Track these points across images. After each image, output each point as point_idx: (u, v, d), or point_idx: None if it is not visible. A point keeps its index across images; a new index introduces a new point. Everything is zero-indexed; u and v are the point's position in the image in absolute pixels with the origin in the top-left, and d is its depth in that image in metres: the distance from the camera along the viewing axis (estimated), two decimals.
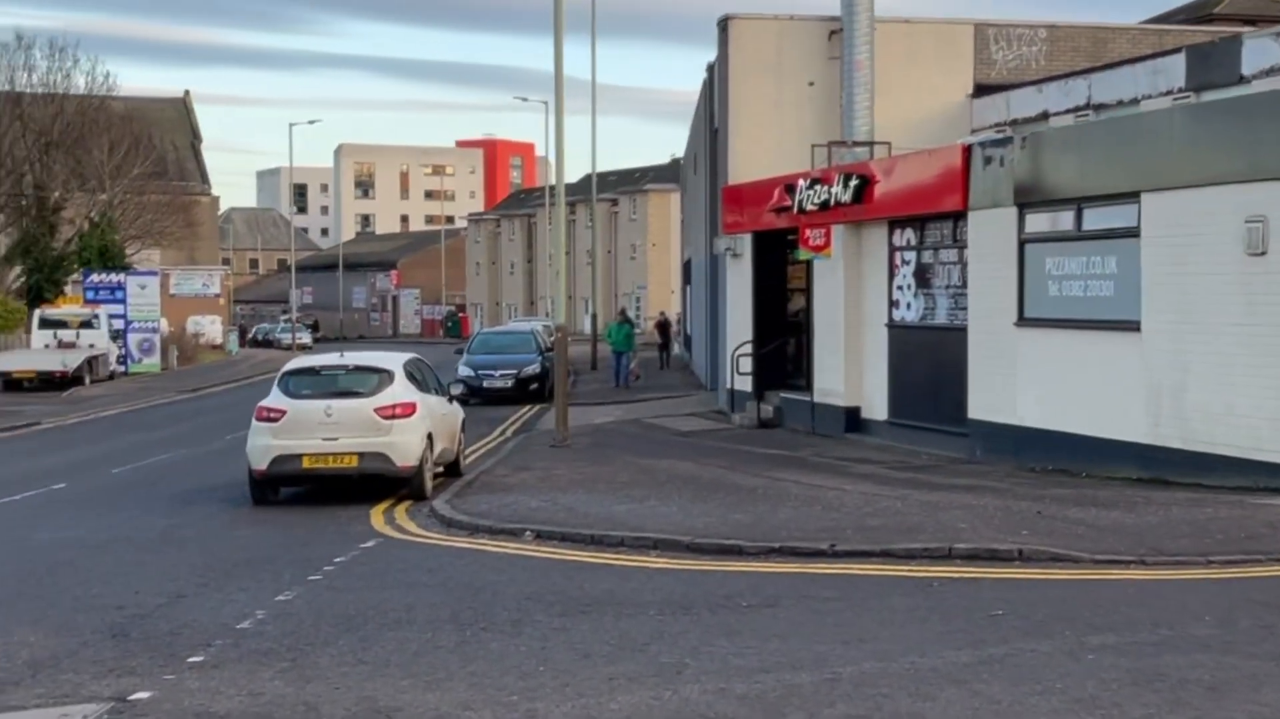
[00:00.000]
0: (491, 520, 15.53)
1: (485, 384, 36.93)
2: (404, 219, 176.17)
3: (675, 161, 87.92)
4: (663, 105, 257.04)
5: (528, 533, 14.67)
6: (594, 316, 56.82)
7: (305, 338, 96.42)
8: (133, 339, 55.54)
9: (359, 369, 19.21)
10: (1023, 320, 19.85)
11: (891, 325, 23.71)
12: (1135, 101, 24.74)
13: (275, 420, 18.43)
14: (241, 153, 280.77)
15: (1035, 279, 19.66)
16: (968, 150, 20.99)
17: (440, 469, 20.76)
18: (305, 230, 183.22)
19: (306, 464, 18.24)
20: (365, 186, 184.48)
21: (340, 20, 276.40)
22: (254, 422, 18.65)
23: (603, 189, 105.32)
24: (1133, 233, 17.72)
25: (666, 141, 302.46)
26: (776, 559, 12.65)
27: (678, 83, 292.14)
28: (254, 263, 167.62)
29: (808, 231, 24.79)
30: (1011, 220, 19.96)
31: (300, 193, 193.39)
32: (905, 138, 27.72)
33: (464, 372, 37.31)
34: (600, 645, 9.71)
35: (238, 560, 14.03)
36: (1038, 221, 19.66)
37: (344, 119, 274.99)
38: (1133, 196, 17.66)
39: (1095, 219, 18.55)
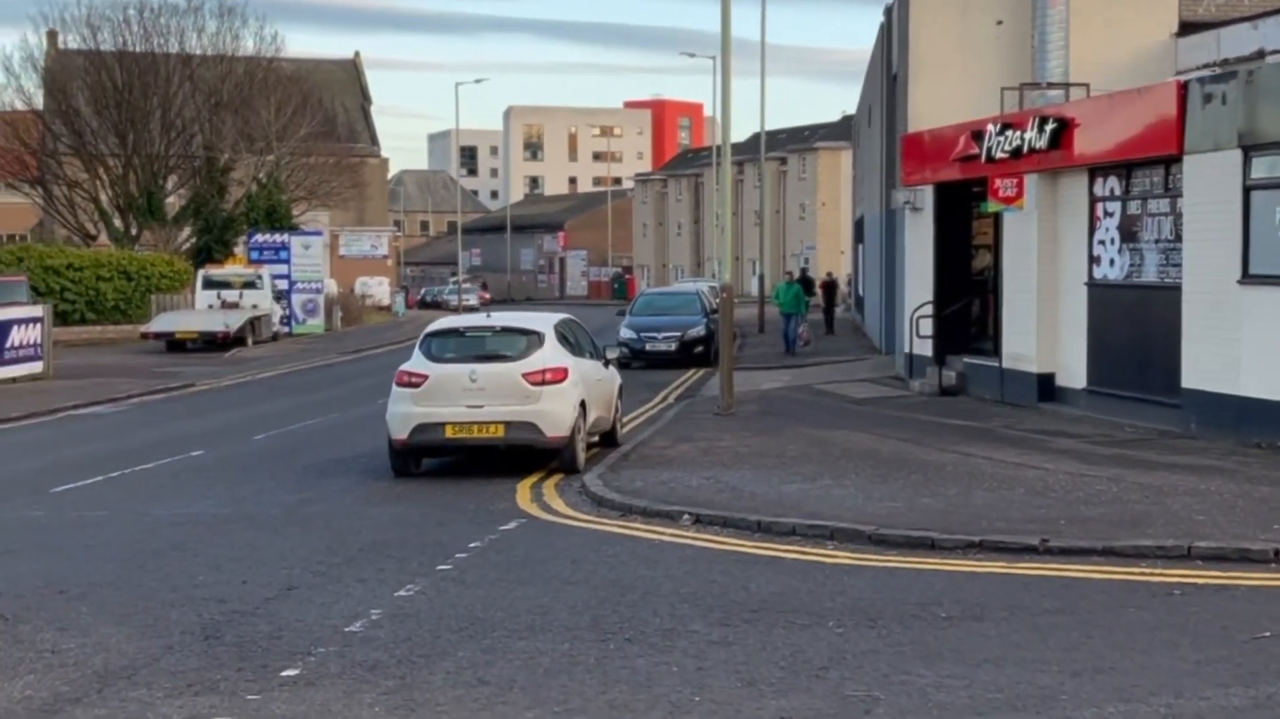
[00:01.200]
0: (647, 500, 13.86)
1: (648, 347, 35.29)
2: (572, 181, 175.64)
3: (846, 119, 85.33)
4: (834, 65, 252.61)
5: (686, 516, 12.97)
6: (761, 277, 54.83)
7: (472, 299, 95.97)
8: (296, 300, 55.04)
9: (506, 331, 17.66)
10: (1248, 278, 17.54)
11: (1092, 284, 21.47)
12: None
13: (416, 386, 16.98)
14: (413, 117, 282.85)
15: (1263, 231, 17.33)
16: (1183, 88, 18.66)
17: (595, 438, 19.23)
18: (475, 193, 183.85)
19: (449, 433, 16.78)
20: (534, 149, 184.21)
21: None
22: (394, 387, 17.25)
23: (772, 147, 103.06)
24: None
25: (838, 100, 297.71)
26: (977, 556, 10.76)
27: (849, 42, 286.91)
28: (424, 225, 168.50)
29: (997, 182, 22.61)
30: (1235, 165, 17.63)
31: (469, 155, 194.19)
32: (1103, 82, 25.26)
33: (626, 334, 35.75)
34: (768, 668, 7.96)
35: (364, 544, 12.57)
36: (1267, 166, 17.31)
37: (513, 82, 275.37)
38: None
39: None
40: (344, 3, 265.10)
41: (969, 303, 25.89)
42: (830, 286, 50.15)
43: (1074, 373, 21.94)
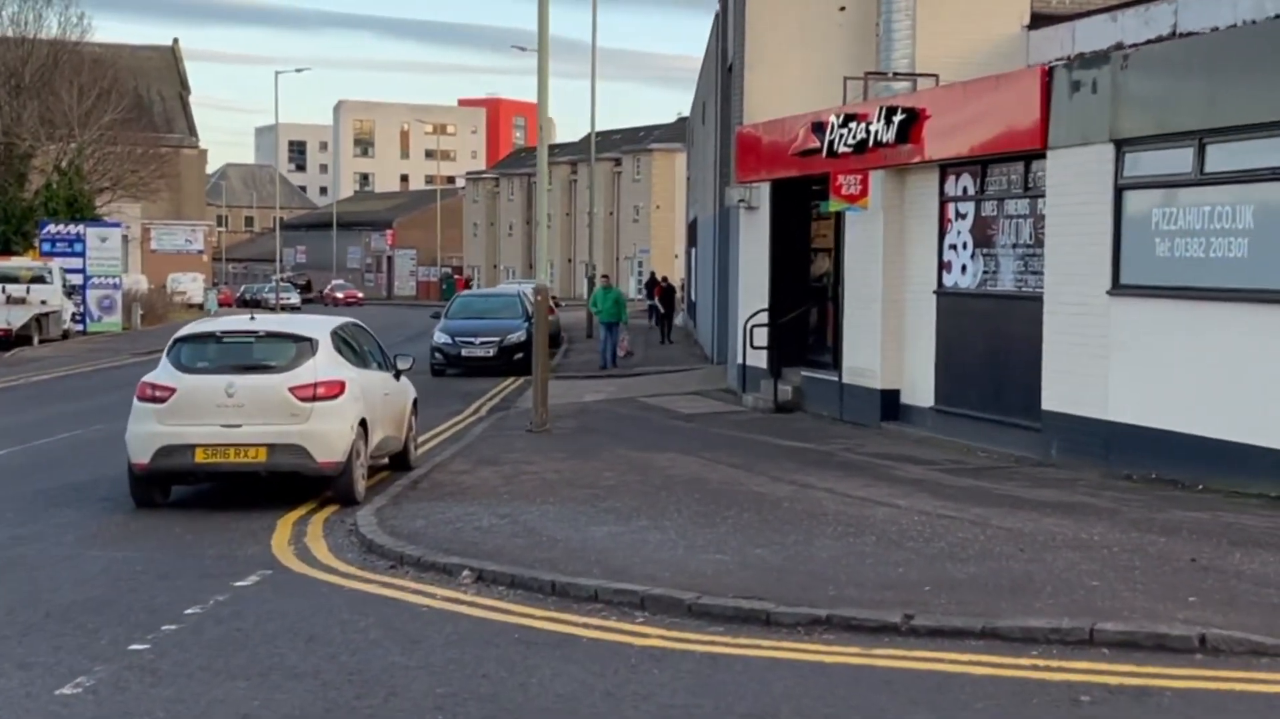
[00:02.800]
0: (423, 548, 11.34)
1: (464, 353, 32.71)
2: (404, 178, 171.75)
3: (682, 120, 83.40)
4: (672, 70, 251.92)
5: (466, 572, 10.49)
6: (590, 279, 52.51)
7: (293, 297, 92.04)
8: (92, 295, 51.29)
9: (272, 336, 14.97)
10: (1119, 288, 15.63)
11: (941, 293, 19.49)
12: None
13: (161, 401, 14.25)
14: (243, 111, 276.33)
15: (1137, 235, 15.44)
16: (1048, 75, 16.71)
17: (385, 460, 16.70)
18: (304, 189, 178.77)
19: (200, 458, 14.08)
20: (365, 145, 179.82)
21: None
22: (135, 402, 14.49)
23: (606, 148, 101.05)
24: None
25: (675, 104, 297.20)
26: (824, 636, 8.44)
27: (689, 47, 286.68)
28: (249, 220, 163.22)
29: (840, 179, 20.53)
30: (1107, 161, 15.71)
31: (299, 150, 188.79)
32: (951, 74, 23.29)
33: (440, 339, 33.12)
34: None
35: (57, 606, 9.89)
36: (1142, 162, 15.41)
37: (349, 79, 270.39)
38: None
39: (1225, 158, 14.30)
40: None
41: (807, 311, 23.81)
42: (668, 292, 47.10)
43: (921, 390, 19.94)
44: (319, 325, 15.53)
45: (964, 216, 19.07)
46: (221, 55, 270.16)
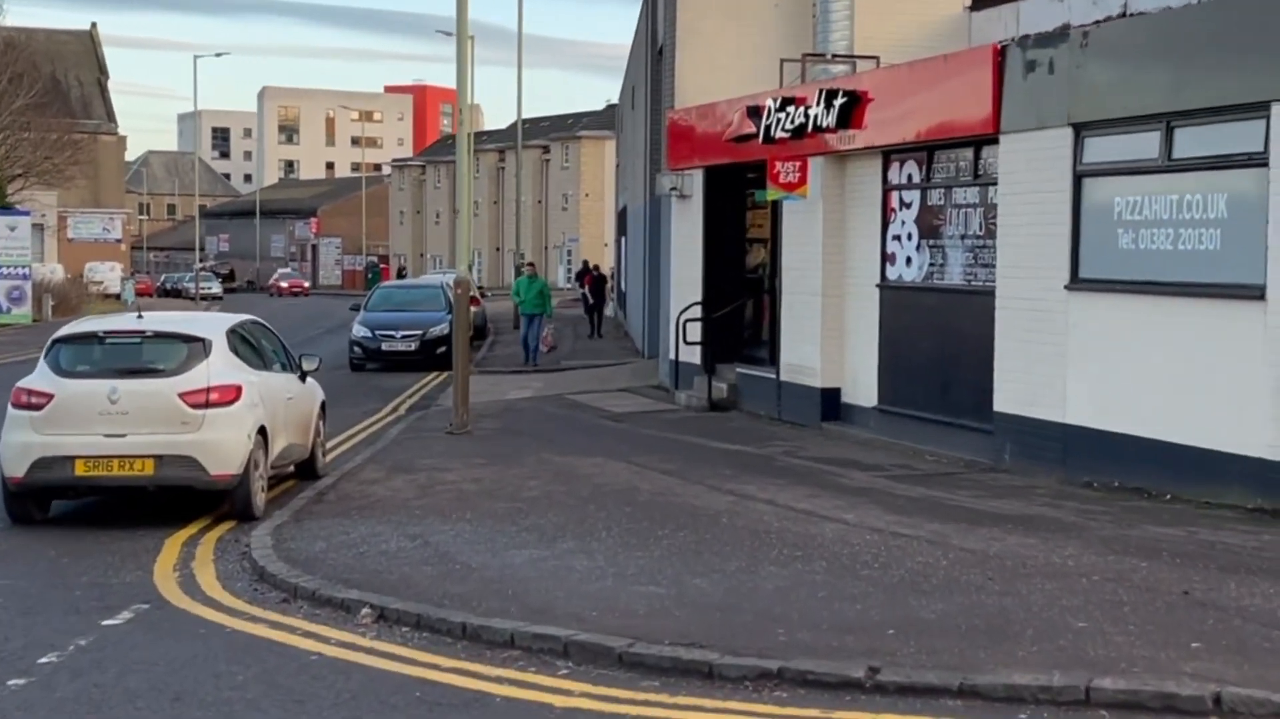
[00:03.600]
0: (320, 579, 10.09)
1: (384, 347, 31.34)
2: (329, 166, 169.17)
3: (611, 108, 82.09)
4: (602, 58, 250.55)
5: (366, 610, 9.25)
6: (518, 268, 51.13)
7: (214, 287, 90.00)
8: (0, 286, 49.40)
9: (161, 337, 13.62)
10: (1078, 282, 14.60)
11: (885, 286, 18.42)
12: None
13: (38, 408, 12.91)
14: (167, 97, 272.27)
15: (1098, 226, 14.41)
16: (1001, 53, 15.65)
17: (290, 469, 15.43)
18: (228, 176, 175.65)
19: (80, 470, 12.75)
20: (290, 131, 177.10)
21: None
22: (9, 409, 13.14)
23: (534, 135, 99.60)
24: (1257, 160, 12.48)
25: (605, 92, 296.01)
26: (776, 693, 7.27)
27: (617, 36, 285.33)
28: (172, 208, 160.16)
29: (778, 165, 19.41)
30: (1065, 145, 14.67)
31: (222, 137, 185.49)
32: (890, 57, 22.28)
33: (359, 332, 31.72)
34: None
35: None
36: (1103, 147, 14.37)
37: (275, 66, 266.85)
38: (1259, 109, 12.40)
39: (1194, 143, 13.28)
40: None
41: (743, 304, 22.69)
42: (599, 281, 44.25)
43: (863, 389, 18.88)
44: (213, 324, 14.22)
45: (909, 206, 18.01)
46: (146, 41, 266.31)
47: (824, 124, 18.57)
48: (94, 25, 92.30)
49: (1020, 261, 15.39)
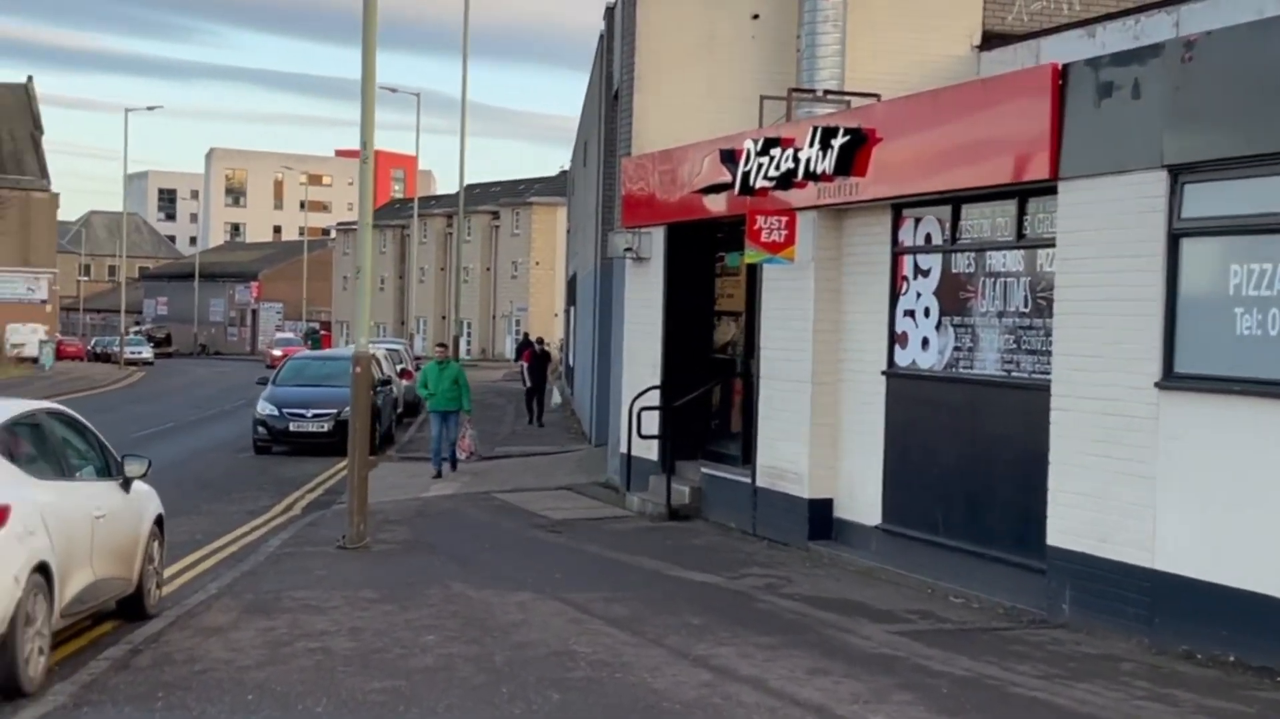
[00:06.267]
0: None
1: (292, 427, 27.25)
2: (277, 230, 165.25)
3: (563, 175, 78.43)
4: (557, 130, 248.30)
5: None
6: (456, 340, 47.22)
7: (144, 351, 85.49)
8: None
9: None
10: (1174, 379, 10.78)
11: (893, 374, 14.58)
12: None
13: None
14: (115, 159, 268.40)
15: (1204, 303, 10.62)
16: (1063, 73, 11.90)
17: (113, 605, 11.44)
18: (173, 239, 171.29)
19: None
20: (237, 194, 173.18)
21: (230, 31, 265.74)
22: None
23: (484, 200, 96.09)
24: None
25: (556, 160, 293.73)
26: None
27: (570, 109, 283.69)
28: (113, 270, 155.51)
29: (759, 221, 15.60)
30: (1156, 194, 10.90)
31: (169, 199, 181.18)
32: (887, 96, 18.69)
33: (265, 409, 27.61)
34: None
35: None
36: (1213, 197, 10.61)
37: (225, 130, 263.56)
38: None
39: None
40: (41, 39, 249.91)
41: (710, 390, 18.76)
42: (540, 359, 36.99)
43: (863, 502, 14.99)
44: None
45: (926, 274, 14.20)
46: (98, 103, 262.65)
47: (818, 170, 14.78)
48: (30, 79, 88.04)
49: (1088, 349, 11.57)
